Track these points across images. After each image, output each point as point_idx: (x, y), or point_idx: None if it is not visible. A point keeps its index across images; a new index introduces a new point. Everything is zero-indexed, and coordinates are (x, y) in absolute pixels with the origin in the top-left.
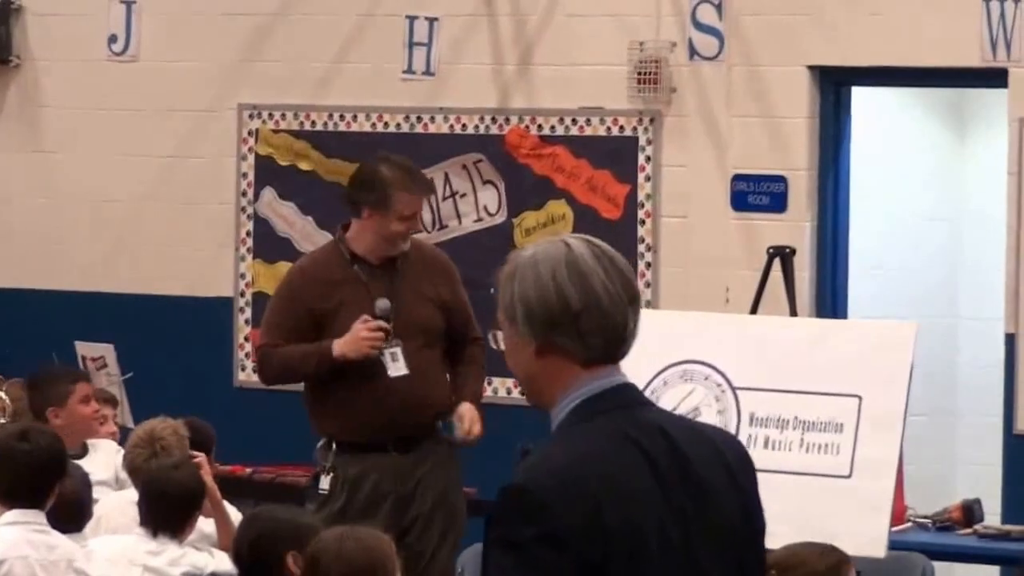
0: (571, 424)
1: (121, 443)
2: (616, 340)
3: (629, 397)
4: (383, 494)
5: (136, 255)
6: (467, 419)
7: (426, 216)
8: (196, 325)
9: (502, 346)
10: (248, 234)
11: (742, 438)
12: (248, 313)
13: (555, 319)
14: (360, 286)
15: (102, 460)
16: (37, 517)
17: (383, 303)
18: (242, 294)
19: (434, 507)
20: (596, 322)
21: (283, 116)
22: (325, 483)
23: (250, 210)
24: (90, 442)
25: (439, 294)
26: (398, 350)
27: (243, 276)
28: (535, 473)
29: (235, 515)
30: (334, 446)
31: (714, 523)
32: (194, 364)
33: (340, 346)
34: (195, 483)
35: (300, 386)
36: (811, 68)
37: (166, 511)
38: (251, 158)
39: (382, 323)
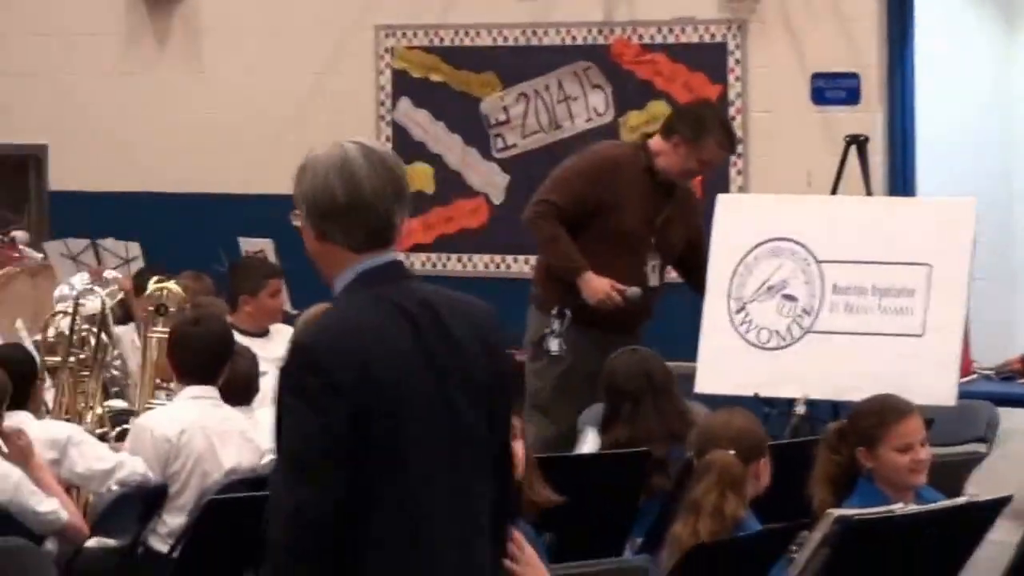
0: (345, 296)
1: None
2: (379, 231)
3: (395, 273)
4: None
5: (290, 160)
6: None
7: (543, 118)
8: None
9: None
10: (387, 139)
11: (826, 305)
12: None
13: (325, 213)
14: (643, 197)
15: (279, 342)
16: (212, 392)
17: (634, 292)
18: None
19: None
20: (360, 217)
21: (415, 34)
22: (554, 345)
23: (388, 118)
24: (272, 327)
25: (689, 231)
26: (658, 262)
27: None
28: (316, 333)
29: None
30: (567, 316)
31: (468, 378)
32: None
33: (586, 283)
34: None
35: (450, 270)
36: None
37: None
38: (388, 72)
39: (619, 301)
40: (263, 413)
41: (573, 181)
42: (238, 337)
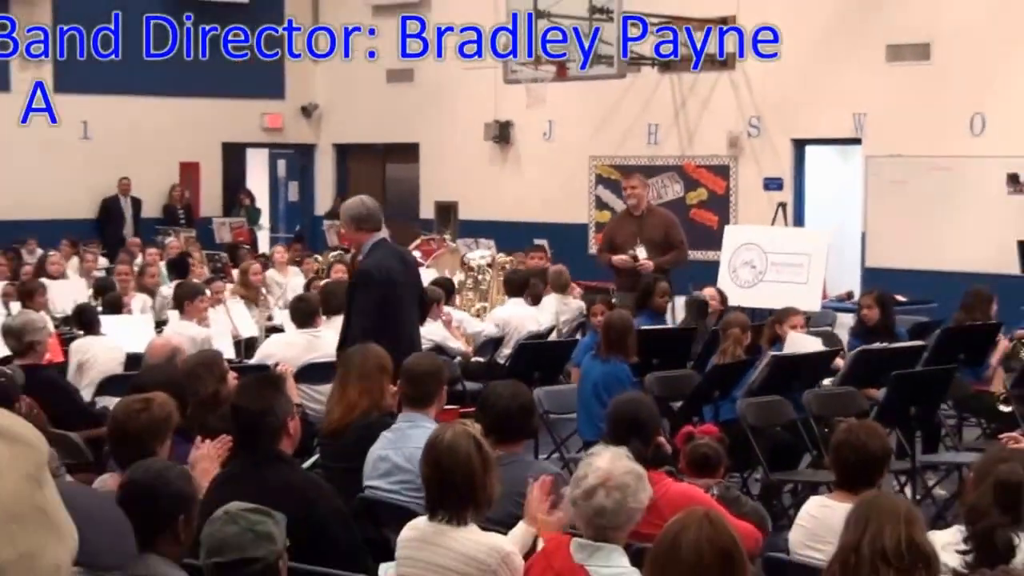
0: (373, 250)
1: None
2: (377, 224)
3: (388, 241)
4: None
5: (561, 207)
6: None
7: (655, 193)
8: (569, 239)
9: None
10: (593, 202)
11: (768, 270)
12: (592, 230)
13: (359, 218)
14: (627, 224)
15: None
16: (521, 302)
17: (619, 258)
18: (591, 222)
19: None
20: (374, 219)
21: (604, 159)
22: (615, 299)
23: (593, 193)
24: None
25: (657, 230)
26: (639, 249)
27: (590, 214)
28: (368, 264)
29: None
30: (612, 291)
31: (414, 277)
32: (567, 252)
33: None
34: None
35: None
36: (792, 140)
37: None
38: (593, 175)
39: (609, 262)
40: (545, 308)
41: (606, 231)
42: None
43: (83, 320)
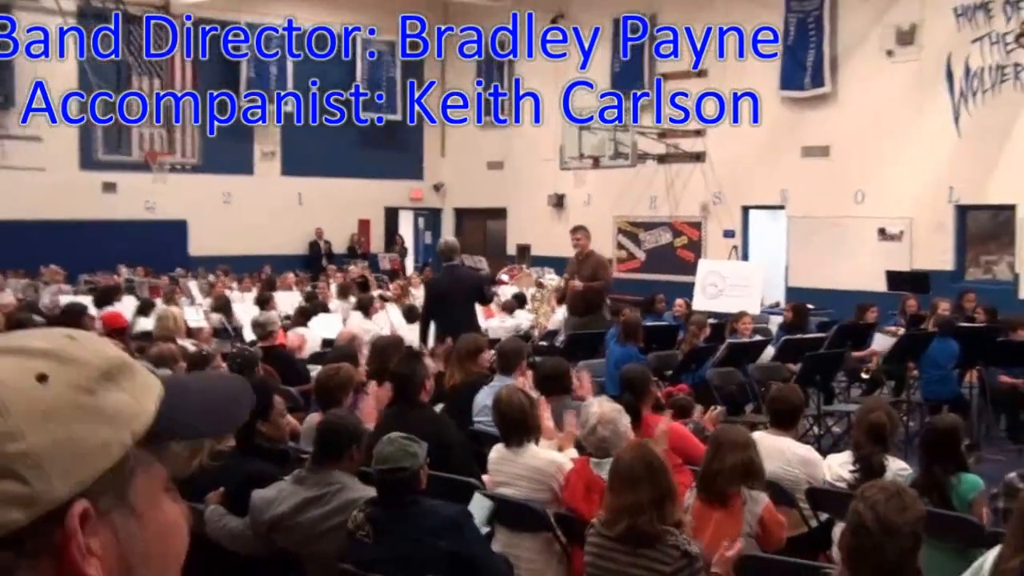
0: (439, 270)
1: None
2: (449, 256)
3: (455, 266)
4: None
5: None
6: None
7: (652, 239)
8: None
9: None
10: (616, 243)
11: (726, 289)
12: (615, 264)
13: (441, 253)
14: (575, 263)
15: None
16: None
17: (574, 281)
18: (614, 259)
19: None
20: (448, 254)
21: (623, 218)
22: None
23: (615, 239)
24: None
25: (588, 267)
26: (576, 281)
27: (614, 253)
28: (426, 279)
29: None
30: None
31: (462, 288)
32: None
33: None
34: None
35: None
36: (741, 206)
37: None
38: (615, 228)
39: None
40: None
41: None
42: None
43: (304, 316)
